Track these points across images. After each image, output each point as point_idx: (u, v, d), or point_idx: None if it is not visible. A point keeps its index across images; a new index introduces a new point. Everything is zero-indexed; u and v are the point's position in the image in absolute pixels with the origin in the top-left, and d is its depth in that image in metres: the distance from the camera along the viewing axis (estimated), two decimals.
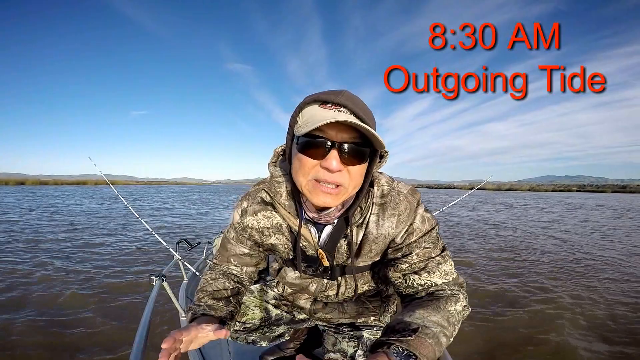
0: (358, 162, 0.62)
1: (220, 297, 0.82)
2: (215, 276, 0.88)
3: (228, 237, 0.92)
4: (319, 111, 0.60)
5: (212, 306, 0.78)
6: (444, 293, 0.69)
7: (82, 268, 4.09)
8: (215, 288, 0.83)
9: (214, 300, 0.80)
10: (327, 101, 0.61)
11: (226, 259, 0.91)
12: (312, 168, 0.63)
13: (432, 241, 0.74)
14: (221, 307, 0.78)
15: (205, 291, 0.83)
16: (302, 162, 0.63)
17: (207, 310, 0.76)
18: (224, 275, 0.89)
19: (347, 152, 0.60)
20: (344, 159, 0.60)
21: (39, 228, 7.41)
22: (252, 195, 0.85)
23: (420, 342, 0.54)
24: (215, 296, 0.81)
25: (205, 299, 0.80)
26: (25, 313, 2.70)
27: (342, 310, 0.95)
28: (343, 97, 0.60)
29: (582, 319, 2.81)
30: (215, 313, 0.76)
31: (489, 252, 5.45)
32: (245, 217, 0.85)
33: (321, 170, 0.62)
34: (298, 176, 0.66)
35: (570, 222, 10.34)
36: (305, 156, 0.62)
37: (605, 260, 4.99)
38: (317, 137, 0.60)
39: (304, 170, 0.64)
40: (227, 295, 0.83)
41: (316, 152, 0.61)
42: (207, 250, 2.93)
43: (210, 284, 0.85)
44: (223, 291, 0.84)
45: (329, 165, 0.60)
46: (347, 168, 0.62)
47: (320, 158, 0.61)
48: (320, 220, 0.74)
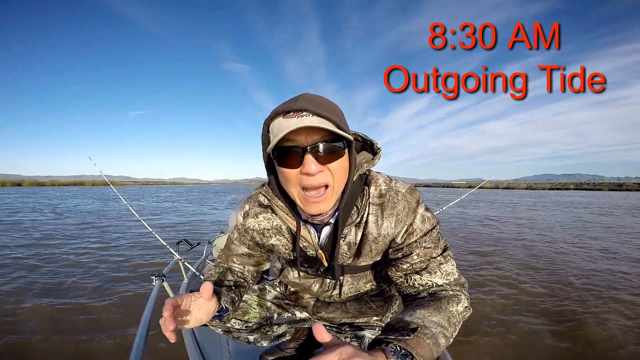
0: (335, 158, 0.63)
1: (223, 285, 0.84)
2: (219, 271, 0.90)
3: (232, 237, 0.95)
4: (284, 122, 0.61)
5: (214, 290, 0.78)
6: (446, 293, 0.69)
7: (82, 268, 4.07)
8: (218, 278, 0.86)
9: (216, 286, 0.81)
10: (288, 110, 0.62)
11: (230, 259, 0.94)
12: (295, 177, 0.64)
13: (433, 241, 0.74)
14: (224, 292, 0.80)
15: (208, 281, 0.84)
16: (285, 175, 0.65)
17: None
18: (228, 271, 0.91)
19: (321, 152, 0.61)
20: (320, 160, 0.62)
21: (41, 227, 7.38)
22: (254, 198, 0.88)
23: (418, 342, 0.55)
24: (218, 284, 0.84)
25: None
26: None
27: (344, 310, 0.95)
28: (302, 101, 0.62)
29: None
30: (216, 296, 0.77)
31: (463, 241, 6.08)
32: (247, 219, 0.88)
33: (304, 177, 0.63)
34: (288, 188, 0.68)
35: (541, 219, 10.83)
36: (285, 168, 0.64)
37: (547, 248, 5.83)
38: (289, 147, 0.62)
39: (290, 182, 0.66)
40: (229, 285, 0.86)
41: (292, 161, 0.63)
42: (207, 250, 2.93)
43: (213, 276, 0.88)
44: (226, 281, 0.86)
45: (308, 170, 0.61)
46: (327, 167, 0.63)
47: (298, 166, 0.62)
48: (315, 220, 0.76)
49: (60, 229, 7.37)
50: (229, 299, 0.80)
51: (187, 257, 2.40)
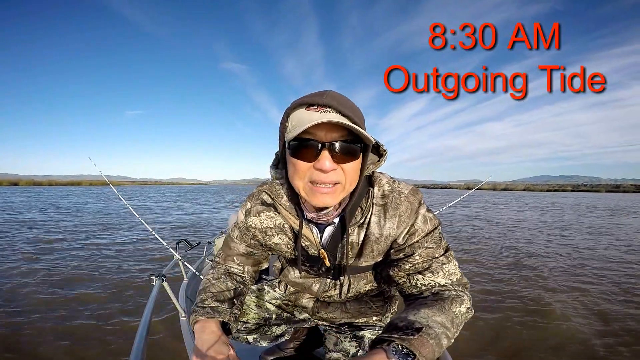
0: (350, 160, 0.63)
1: (224, 299, 0.82)
2: (217, 276, 0.88)
3: (232, 236, 0.93)
4: (306, 114, 0.61)
5: (215, 309, 0.78)
6: (449, 294, 0.69)
7: (82, 268, 4.05)
8: (218, 289, 0.84)
9: (217, 303, 0.80)
10: (312, 103, 0.61)
11: (229, 258, 0.92)
12: (306, 171, 0.64)
13: (435, 241, 0.74)
14: (225, 310, 0.79)
15: (208, 292, 0.83)
16: (296, 166, 0.64)
17: (211, 312, 0.77)
18: (227, 274, 0.89)
19: (337, 151, 0.61)
20: (335, 158, 0.61)
21: (38, 226, 7.33)
22: (256, 196, 0.87)
23: (422, 342, 0.54)
24: (218, 298, 0.82)
25: (209, 301, 0.80)
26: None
27: (344, 310, 0.95)
28: (328, 97, 0.61)
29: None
30: (219, 316, 0.77)
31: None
32: (249, 217, 0.86)
33: (315, 172, 0.62)
34: (295, 180, 0.67)
35: (526, 219, 11.42)
36: (298, 160, 0.63)
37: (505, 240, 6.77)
38: (307, 140, 0.61)
39: (299, 174, 0.65)
40: (230, 297, 0.84)
41: (308, 154, 0.62)
42: (207, 250, 2.92)
43: (212, 284, 0.85)
44: (226, 292, 0.84)
45: (322, 166, 0.60)
46: (341, 166, 0.63)
47: (313, 160, 0.62)
48: (320, 220, 0.75)
49: (60, 228, 7.34)
50: (233, 318, 0.80)
51: (187, 257, 2.39)
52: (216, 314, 0.76)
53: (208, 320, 0.76)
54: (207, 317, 0.76)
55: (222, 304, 0.80)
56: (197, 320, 0.77)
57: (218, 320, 0.78)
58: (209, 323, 0.76)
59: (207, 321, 0.76)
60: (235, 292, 0.86)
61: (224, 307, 0.80)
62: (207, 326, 0.75)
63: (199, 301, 0.82)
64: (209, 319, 0.76)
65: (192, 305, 0.82)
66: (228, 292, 0.84)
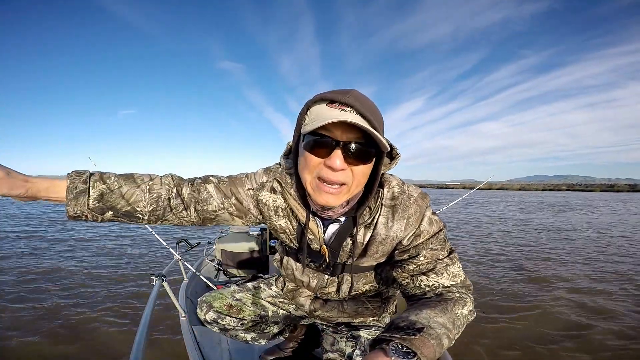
0: (362, 163, 0.62)
1: (131, 184, 0.76)
2: (168, 182, 0.80)
3: (214, 182, 0.82)
4: (326, 110, 0.60)
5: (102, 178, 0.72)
6: (452, 295, 0.69)
7: (81, 268, 4.05)
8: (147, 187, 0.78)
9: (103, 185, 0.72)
10: (334, 100, 0.60)
11: (183, 189, 0.81)
12: (316, 166, 0.63)
13: (440, 243, 0.74)
14: (96, 197, 0.71)
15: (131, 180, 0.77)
16: (308, 160, 0.64)
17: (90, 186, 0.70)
18: (167, 190, 0.80)
19: (351, 152, 0.60)
20: (348, 159, 0.61)
21: (35, 226, 7.28)
22: (271, 176, 0.82)
23: (423, 342, 0.54)
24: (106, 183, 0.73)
25: (112, 178, 0.74)
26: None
27: (341, 309, 0.95)
28: (351, 97, 0.60)
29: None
30: (85, 194, 0.70)
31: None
32: (262, 190, 0.82)
33: (325, 169, 0.62)
34: (303, 173, 0.67)
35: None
36: (310, 154, 0.63)
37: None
38: (323, 136, 0.61)
39: (309, 168, 0.64)
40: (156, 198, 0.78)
41: (321, 150, 0.62)
42: (207, 250, 2.94)
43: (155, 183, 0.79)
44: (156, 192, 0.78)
45: (332, 164, 0.60)
46: (351, 168, 0.62)
47: (325, 156, 0.62)
48: (323, 215, 0.75)
49: (56, 230, 7.30)
50: (98, 193, 0.71)
51: (187, 257, 2.41)
52: (87, 191, 0.70)
53: (64, 182, 0.68)
54: (80, 183, 0.69)
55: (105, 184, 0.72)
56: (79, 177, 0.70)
57: (70, 189, 0.68)
58: (62, 183, 0.69)
59: (63, 182, 0.69)
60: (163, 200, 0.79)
61: (97, 195, 0.71)
62: (57, 183, 0.69)
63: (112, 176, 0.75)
64: (68, 182, 0.68)
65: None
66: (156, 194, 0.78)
